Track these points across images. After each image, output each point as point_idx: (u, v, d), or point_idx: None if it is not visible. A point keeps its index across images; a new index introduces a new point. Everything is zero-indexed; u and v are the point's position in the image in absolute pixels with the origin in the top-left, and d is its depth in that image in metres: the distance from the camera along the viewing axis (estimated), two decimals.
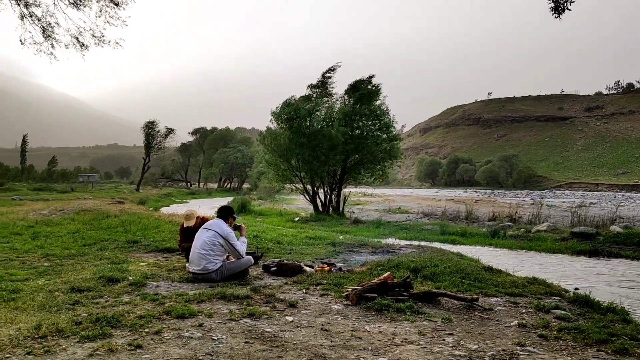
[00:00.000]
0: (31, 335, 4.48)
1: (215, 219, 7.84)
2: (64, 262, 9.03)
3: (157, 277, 7.56)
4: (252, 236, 12.23)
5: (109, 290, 6.52)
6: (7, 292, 6.31)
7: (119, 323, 4.91)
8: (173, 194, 67.69)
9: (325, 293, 6.60)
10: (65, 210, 19.61)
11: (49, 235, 12.87)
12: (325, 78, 28.53)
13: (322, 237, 13.64)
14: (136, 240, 11.87)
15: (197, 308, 5.57)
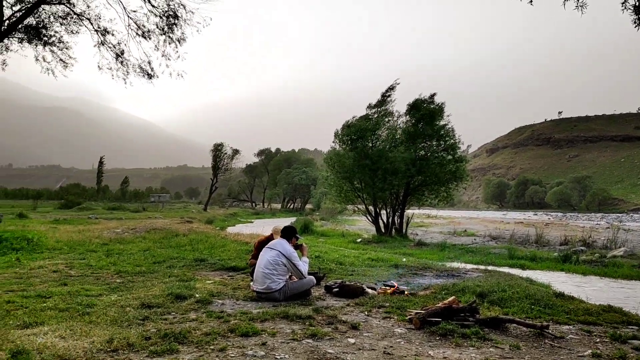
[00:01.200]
0: (104, 349, 4.69)
1: (278, 238, 7.95)
2: (135, 279, 9.42)
3: (223, 295, 7.73)
4: (314, 257, 12.30)
5: (176, 307, 6.73)
6: (82, 307, 6.66)
7: (186, 339, 5.06)
8: (239, 214, 69.20)
9: (387, 316, 6.53)
10: (137, 229, 20.48)
11: (122, 253, 13.47)
12: (384, 97, 28.48)
13: (384, 259, 13.52)
14: (203, 258, 12.21)
15: (261, 327, 5.65)
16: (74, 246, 14.95)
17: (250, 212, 79.49)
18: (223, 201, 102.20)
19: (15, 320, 5.88)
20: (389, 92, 28.44)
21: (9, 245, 13.81)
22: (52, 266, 11.01)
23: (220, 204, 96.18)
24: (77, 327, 5.44)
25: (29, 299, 7.26)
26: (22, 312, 6.36)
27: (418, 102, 27.29)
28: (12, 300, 7.14)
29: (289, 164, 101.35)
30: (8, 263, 11.38)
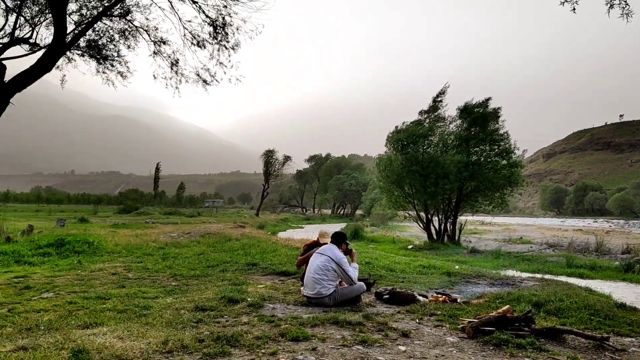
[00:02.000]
0: (159, 350, 4.83)
1: (328, 244, 7.97)
2: (189, 282, 9.66)
3: (274, 299, 7.81)
4: (364, 263, 12.25)
5: (229, 310, 6.86)
6: (139, 309, 6.89)
7: (238, 342, 5.14)
8: (289, 219, 69.79)
9: (439, 324, 6.43)
10: (192, 234, 21.00)
11: (177, 257, 13.83)
12: (436, 102, 28.12)
13: (436, 266, 13.31)
14: (255, 262, 12.38)
15: (311, 332, 5.68)
16: (132, 250, 15.48)
17: (300, 217, 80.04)
18: (274, 206, 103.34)
19: (76, 321, 6.14)
20: (440, 97, 28.08)
21: (71, 248, 14.44)
22: (111, 269, 11.44)
23: (271, 209, 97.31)
24: (134, 328, 5.62)
25: (89, 300, 7.57)
26: (83, 313, 6.64)
27: (469, 106, 26.80)
28: (74, 301, 7.47)
29: (339, 169, 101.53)
30: (70, 265, 11.90)
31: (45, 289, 8.68)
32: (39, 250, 13.94)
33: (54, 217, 37.68)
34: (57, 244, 14.72)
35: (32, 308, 6.98)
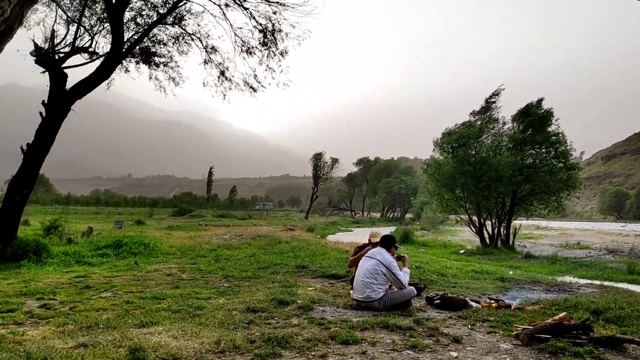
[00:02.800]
0: (212, 350, 4.93)
1: (377, 247, 7.93)
2: (241, 284, 9.82)
3: (323, 302, 7.84)
4: (414, 267, 12.12)
5: (279, 312, 6.92)
6: (192, 309, 7.07)
7: (288, 344, 5.19)
8: (338, 222, 69.84)
9: (492, 330, 6.28)
10: (243, 236, 21.35)
11: (229, 258, 14.09)
12: (488, 104, 27.50)
13: (489, 271, 13.01)
14: (304, 265, 12.45)
15: (361, 335, 5.66)
16: (186, 251, 15.89)
17: (349, 220, 79.97)
18: (323, 210, 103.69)
19: (133, 320, 6.35)
20: (494, 98, 27.46)
21: (128, 250, 14.95)
22: (166, 270, 11.78)
23: (320, 212, 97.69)
24: (187, 328, 5.76)
25: (145, 300, 7.82)
26: (139, 312, 6.87)
27: (528, 107, 26.05)
28: (131, 301, 7.73)
29: (388, 172, 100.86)
30: (127, 266, 12.32)
31: (104, 289, 9.02)
32: (98, 251, 14.51)
33: (112, 220, 39.12)
34: (115, 245, 15.28)
35: (92, 307, 7.27)
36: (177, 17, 16.05)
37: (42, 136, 13.18)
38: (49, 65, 13.54)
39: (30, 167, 13.06)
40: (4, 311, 6.85)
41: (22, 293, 8.35)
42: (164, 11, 15.45)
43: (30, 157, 13.01)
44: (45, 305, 7.40)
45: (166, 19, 15.67)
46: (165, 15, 15.39)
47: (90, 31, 15.65)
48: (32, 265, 11.66)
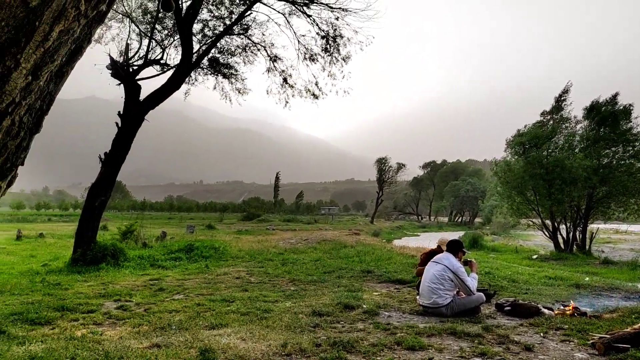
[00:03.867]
0: (279, 352, 5.04)
1: (444, 252, 7.81)
2: (307, 287, 9.93)
3: (389, 307, 7.80)
4: (484, 273, 11.80)
5: (345, 316, 6.96)
6: (260, 312, 7.23)
7: (354, 348, 5.21)
8: (405, 226, 69.07)
9: (566, 339, 6.02)
10: (309, 240, 21.57)
11: (295, 262, 14.28)
12: (559, 102, 26.34)
13: (563, 277, 12.46)
14: (370, 270, 12.42)
15: (427, 341, 5.59)
16: (254, 255, 16.24)
17: (416, 225, 78.87)
18: (389, 214, 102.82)
19: (204, 321, 6.57)
20: (564, 96, 26.30)
21: (199, 253, 15.46)
22: (235, 273, 12.09)
23: (386, 216, 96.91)
24: (255, 331, 5.90)
25: (215, 303, 8.07)
26: (209, 314, 7.10)
27: (596, 104, 24.74)
28: (201, 303, 8.00)
29: (455, 175, 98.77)
30: (198, 269, 12.75)
31: (176, 291, 9.38)
32: (171, 254, 15.10)
33: (184, 224, 40.55)
34: (187, 249, 15.84)
35: (165, 308, 7.58)
36: (243, 28, 16.50)
37: (119, 145, 13.89)
38: (124, 77, 14.27)
39: (108, 175, 13.78)
40: (84, 312, 7.27)
41: (101, 295, 8.82)
42: (230, 22, 15.93)
43: (108, 165, 13.73)
44: (122, 306, 7.79)
45: (232, 30, 16.14)
46: (232, 26, 15.86)
47: (161, 44, 16.37)
48: (110, 268, 12.28)
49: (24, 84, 1.34)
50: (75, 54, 1.55)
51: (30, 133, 1.54)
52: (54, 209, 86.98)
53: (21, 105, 1.39)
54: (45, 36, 1.33)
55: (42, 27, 1.30)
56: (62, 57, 1.46)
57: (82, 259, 12.62)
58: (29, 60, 1.32)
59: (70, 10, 1.36)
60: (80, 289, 9.38)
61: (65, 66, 1.53)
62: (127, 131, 13.97)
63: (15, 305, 7.56)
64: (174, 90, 14.63)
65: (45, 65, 1.38)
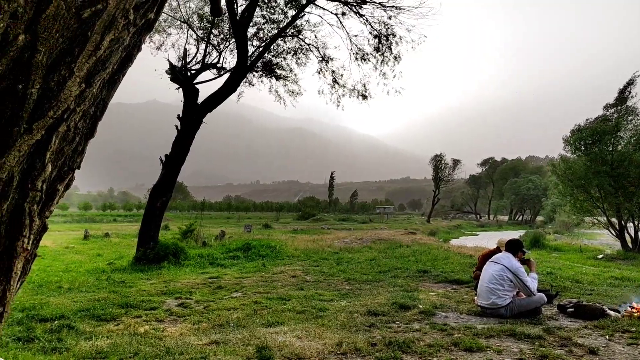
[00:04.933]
0: (334, 351, 5.05)
1: (503, 252, 7.60)
2: (362, 287, 9.91)
3: (446, 307, 7.67)
4: (545, 273, 11.41)
5: (400, 316, 6.90)
6: (316, 310, 7.27)
7: (409, 349, 5.16)
8: (462, 225, 67.71)
9: (634, 342, 5.73)
10: (363, 239, 21.51)
11: (350, 261, 14.27)
12: (622, 94, 25.03)
13: (631, 278, 11.87)
14: (426, 270, 12.25)
15: (486, 343, 5.47)
16: (309, 254, 16.36)
17: (474, 224, 77.11)
18: (446, 213, 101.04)
19: (260, 319, 6.69)
20: (628, 87, 24.98)
21: (256, 252, 15.73)
22: (291, 272, 12.22)
23: (443, 215, 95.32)
24: (311, 329, 5.95)
25: (272, 301, 8.18)
26: (266, 312, 7.21)
27: None
28: (258, 301, 8.13)
29: (515, 173, 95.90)
30: (256, 268, 12.97)
31: (234, 289, 9.58)
32: (229, 253, 15.44)
33: (242, 224, 41.37)
34: (245, 248, 16.16)
35: (224, 306, 7.75)
36: (296, 30, 16.65)
37: (178, 147, 14.32)
38: (182, 81, 14.70)
39: (169, 176, 14.23)
40: (147, 309, 7.54)
41: (163, 292, 9.12)
42: (284, 25, 16.11)
43: (168, 166, 14.19)
44: (183, 304, 8.03)
45: (286, 32, 16.33)
46: (285, 28, 16.03)
47: (217, 48, 16.77)
48: (171, 267, 12.69)
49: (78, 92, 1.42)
50: (126, 61, 1.62)
51: (85, 138, 1.62)
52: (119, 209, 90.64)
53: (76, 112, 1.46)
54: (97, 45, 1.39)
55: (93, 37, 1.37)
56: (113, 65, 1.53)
57: (144, 258, 13.09)
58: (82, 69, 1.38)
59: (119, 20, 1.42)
60: (143, 287, 9.73)
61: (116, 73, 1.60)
62: (186, 133, 14.38)
63: (83, 302, 7.92)
64: (231, 93, 14.93)
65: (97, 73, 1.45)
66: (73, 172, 1.65)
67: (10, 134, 1.38)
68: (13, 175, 1.43)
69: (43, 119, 1.42)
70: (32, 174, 1.49)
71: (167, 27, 16.48)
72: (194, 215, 61.91)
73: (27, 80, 1.36)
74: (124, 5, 1.44)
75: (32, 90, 1.38)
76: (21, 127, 1.39)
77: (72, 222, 46.94)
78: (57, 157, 1.54)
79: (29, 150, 1.44)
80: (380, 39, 15.81)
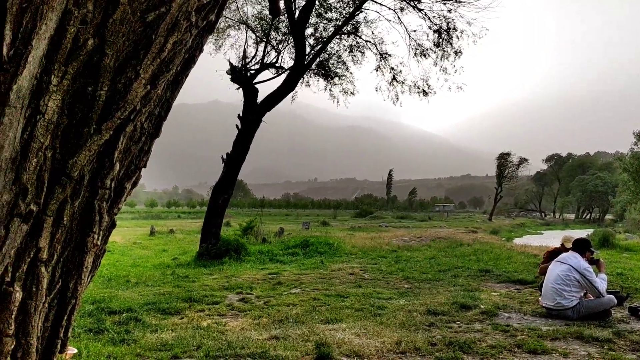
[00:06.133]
0: (393, 350, 5.02)
1: (570, 252, 7.31)
2: (421, 285, 9.78)
3: (509, 308, 7.46)
4: (615, 274, 10.87)
5: (461, 316, 6.77)
6: (374, 308, 7.24)
7: (471, 349, 5.06)
8: (526, 224, 65.61)
9: None
10: (422, 238, 21.24)
11: (409, 260, 14.12)
12: None
13: None
14: (488, 269, 11.95)
15: (551, 345, 5.28)
16: (367, 252, 16.31)
17: (539, 222, 74.53)
18: (509, 211, 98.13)
19: (319, 316, 6.73)
20: None
21: (314, 249, 15.84)
22: (349, 269, 12.23)
23: (506, 213, 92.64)
24: (369, 327, 5.94)
25: (330, 298, 8.22)
26: (325, 309, 7.24)
27: None
28: (317, 298, 8.19)
29: (583, 169, 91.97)
30: (314, 264, 13.06)
31: (293, 285, 9.69)
32: (288, 250, 15.63)
33: (300, 221, 41.80)
34: (303, 245, 16.31)
35: (283, 302, 7.86)
36: (354, 27, 16.62)
37: (239, 146, 14.63)
38: (243, 82, 14.99)
39: (230, 174, 14.56)
40: (210, 303, 7.75)
41: (225, 287, 9.34)
42: (341, 22, 16.11)
43: (229, 165, 14.52)
44: (244, 299, 8.19)
45: (343, 30, 16.32)
46: (342, 26, 16.03)
47: (276, 48, 16.98)
48: (232, 262, 12.97)
49: (144, 93, 1.48)
50: (188, 62, 1.67)
51: (151, 138, 1.69)
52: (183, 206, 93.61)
53: (142, 113, 1.53)
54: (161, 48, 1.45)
55: (157, 39, 1.42)
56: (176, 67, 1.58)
57: (207, 254, 13.46)
58: (147, 71, 1.44)
59: (182, 22, 1.47)
60: (206, 282, 10.01)
61: (180, 74, 1.66)
62: (246, 132, 14.65)
63: (149, 295, 8.23)
64: (289, 92, 15.09)
65: (162, 74, 1.51)
66: (139, 170, 1.72)
67: (81, 134, 1.46)
68: (84, 174, 1.51)
69: (111, 120, 1.49)
70: (101, 172, 1.56)
71: (226, 28, 16.83)
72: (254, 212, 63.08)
73: (96, 82, 1.43)
74: (186, 8, 1.49)
75: (101, 92, 1.45)
76: (91, 128, 1.47)
77: (139, 218, 48.87)
78: (125, 156, 1.62)
79: (98, 150, 1.51)
80: (440, 34, 15.53)
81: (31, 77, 1.36)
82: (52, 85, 1.38)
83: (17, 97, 1.34)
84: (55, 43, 1.36)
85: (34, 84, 1.38)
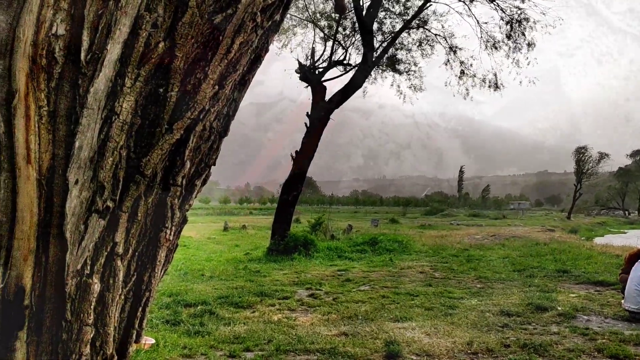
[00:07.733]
0: (464, 350, 4.92)
1: None
2: (494, 285, 9.50)
3: (588, 310, 7.10)
4: None
5: (537, 317, 6.52)
6: (445, 308, 7.12)
7: (547, 352, 4.87)
8: (608, 223, 62.12)
9: None
10: (496, 236, 20.60)
11: (481, 259, 13.74)
12: None
13: None
14: (566, 269, 11.42)
15: (634, 351, 4.99)
16: (437, 250, 16.02)
17: (621, 221, 70.34)
18: (589, 209, 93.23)
19: (388, 314, 6.69)
20: None
21: (383, 247, 15.73)
22: (419, 267, 12.07)
23: (585, 211, 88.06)
24: (440, 326, 5.84)
25: (399, 296, 8.15)
26: (394, 307, 7.19)
27: None
28: (386, 296, 8.14)
29: None
30: (383, 262, 12.98)
31: (362, 282, 9.69)
32: (356, 247, 15.61)
33: (368, 218, 41.66)
34: (371, 242, 16.23)
35: (352, 299, 7.87)
36: (422, 21, 16.34)
37: (308, 143, 14.77)
38: (311, 80, 15.11)
39: (299, 171, 14.74)
40: (280, 298, 7.89)
41: (295, 283, 9.48)
42: (409, 17, 15.89)
43: (298, 162, 14.70)
44: (313, 294, 8.28)
45: (411, 24, 16.09)
46: (411, 20, 15.81)
47: (343, 45, 16.98)
48: (302, 258, 13.12)
49: (212, 93, 1.52)
50: (254, 62, 1.71)
51: (220, 137, 1.74)
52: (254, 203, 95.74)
53: (210, 112, 1.58)
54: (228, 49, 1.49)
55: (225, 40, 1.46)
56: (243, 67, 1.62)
57: (277, 249, 13.69)
58: (215, 72, 1.49)
59: (248, 23, 1.50)
60: (277, 277, 10.19)
61: (246, 74, 1.70)
62: (315, 130, 14.77)
63: (223, 289, 8.49)
64: (357, 89, 15.06)
65: (229, 75, 1.55)
66: (209, 168, 1.78)
67: (153, 134, 1.53)
68: (156, 172, 1.58)
69: (182, 120, 1.55)
70: (173, 170, 1.63)
71: (293, 27, 17.00)
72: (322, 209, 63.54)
73: (167, 84, 1.49)
74: (252, 9, 1.52)
75: (172, 93, 1.51)
76: (163, 128, 1.53)
77: (213, 214, 50.45)
78: (195, 154, 1.68)
79: (170, 148, 1.58)
80: (512, 25, 14.99)
81: (107, 79, 1.44)
82: (126, 87, 1.46)
83: (94, 99, 1.43)
84: (129, 47, 1.43)
85: (109, 87, 1.46)
